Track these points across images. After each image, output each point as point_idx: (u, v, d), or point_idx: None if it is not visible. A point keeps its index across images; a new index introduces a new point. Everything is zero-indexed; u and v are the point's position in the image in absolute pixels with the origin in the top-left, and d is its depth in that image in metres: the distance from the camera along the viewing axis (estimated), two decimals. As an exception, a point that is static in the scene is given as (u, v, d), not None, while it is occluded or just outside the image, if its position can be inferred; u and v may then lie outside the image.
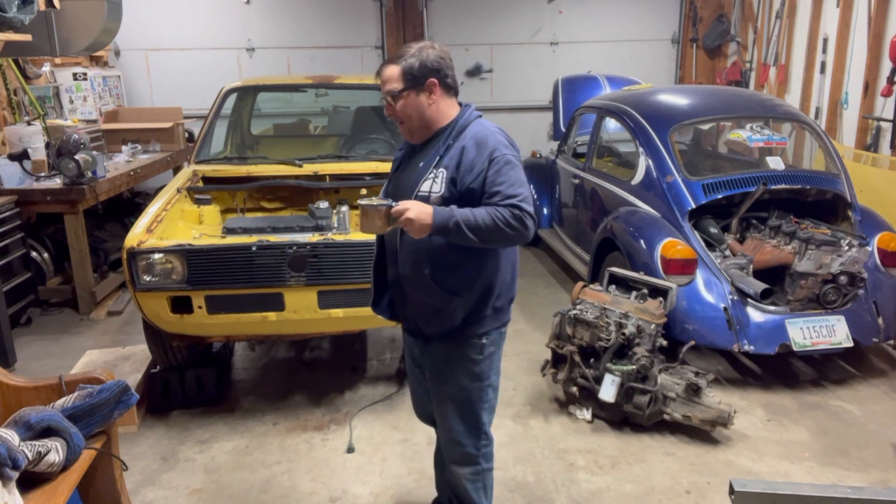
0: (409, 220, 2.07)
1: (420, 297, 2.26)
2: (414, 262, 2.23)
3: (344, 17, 8.48)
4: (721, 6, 8.68)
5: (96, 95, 7.16)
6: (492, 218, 2.08)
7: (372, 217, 2.10)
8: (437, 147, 2.22)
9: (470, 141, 2.17)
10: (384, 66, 2.20)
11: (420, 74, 2.16)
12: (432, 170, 2.17)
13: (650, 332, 3.52)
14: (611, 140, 5.45)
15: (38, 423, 2.22)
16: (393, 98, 2.18)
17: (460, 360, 2.30)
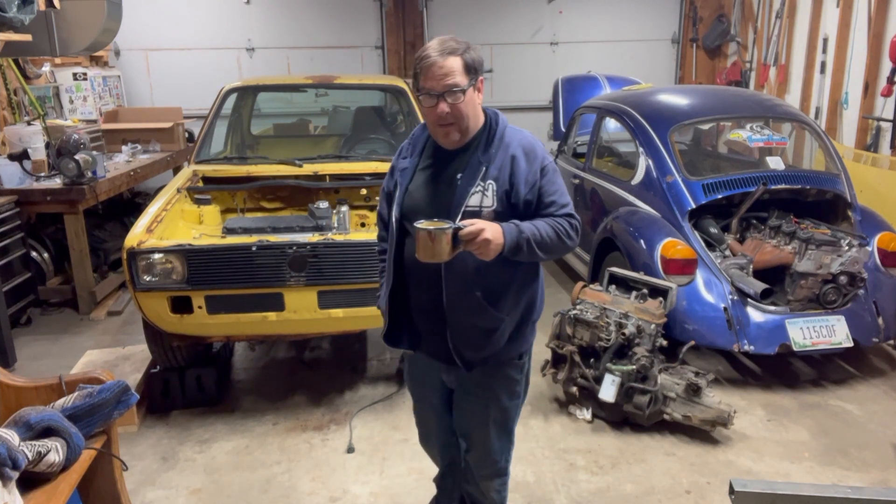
0: (487, 242, 1.88)
1: (468, 321, 2.08)
2: (463, 285, 2.04)
3: (344, 17, 8.48)
4: (721, 6, 8.68)
5: (96, 95, 7.16)
6: (555, 231, 2.00)
7: (438, 242, 1.84)
8: (474, 155, 2.03)
9: (518, 149, 2.03)
10: (443, 56, 1.93)
11: (477, 70, 2.00)
12: (479, 182, 1.98)
13: (650, 332, 3.52)
14: (611, 140, 5.44)
15: (38, 423, 2.22)
16: (457, 94, 1.94)
17: (503, 381, 2.20)
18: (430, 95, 1.95)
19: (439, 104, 1.94)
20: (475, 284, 2.03)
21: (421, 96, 1.98)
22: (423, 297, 2.12)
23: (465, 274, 2.02)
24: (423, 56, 1.95)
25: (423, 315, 2.16)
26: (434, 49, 1.93)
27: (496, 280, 2.05)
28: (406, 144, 2.20)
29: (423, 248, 1.86)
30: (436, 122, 1.98)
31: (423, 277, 2.08)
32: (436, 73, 1.92)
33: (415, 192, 2.09)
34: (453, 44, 1.95)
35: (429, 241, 1.84)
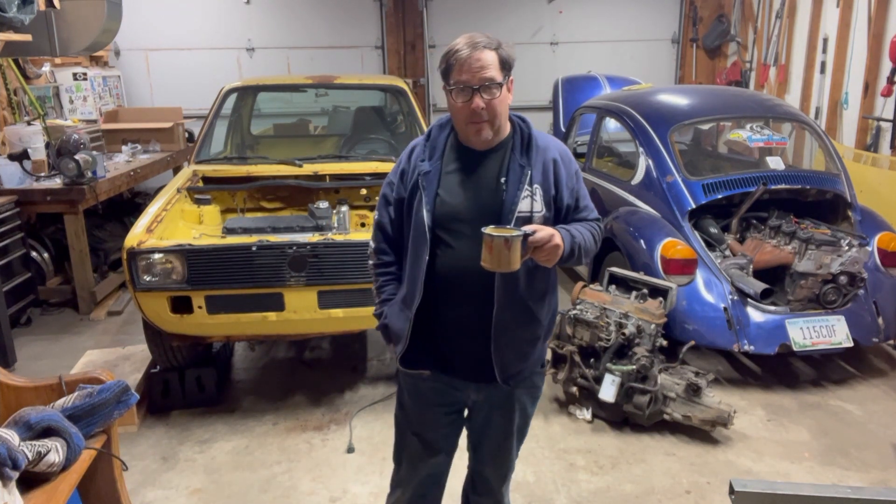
0: (556, 248, 1.82)
1: (516, 333, 1.98)
2: (514, 295, 1.93)
3: (344, 17, 8.48)
4: (721, 6, 8.68)
5: (96, 95, 7.16)
6: (592, 235, 1.99)
7: (513, 250, 1.71)
8: (511, 158, 1.93)
9: (556, 153, 1.97)
10: (479, 49, 1.83)
11: (511, 66, 1.90)
12: (526, 186, 1.89)
13: (650, 332, 3.52)
14: (611, 140, 5.45)
15: (38, 423, 2.22)
16: (493, 88, 1.85)
17: (529, 390, 2.12)
18: (464, 90, 1.84)
19: (474, 99, 1.84)
20: (525, 293, 1.96)
21: (452, 90, 1.87)
22: (464, 311, 1.97)
23: (517, 283, 1.92)
24: (455, 49, 1.85)
25: (459, 331, 2.00)
26: (467, 43, 1.84)
27: (539, 287, 2.00)
28: (420, 146, 2.03)
29: (496, 256, 1.72)
30: (468, 118, 1.87)
31: (469, 290, 1.94)
32: (472, 65, 1.83)
33: (449, 198, 1.93)
34: (486, 39, 1.86)
35: (504, 249, 1.71)
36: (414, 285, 1.96)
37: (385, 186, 2.10)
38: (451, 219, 1.93)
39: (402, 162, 2.05)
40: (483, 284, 1.90)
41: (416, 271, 1.96)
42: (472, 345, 1.98)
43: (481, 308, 1.93)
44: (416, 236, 1.96)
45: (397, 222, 2.05)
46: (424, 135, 2.05)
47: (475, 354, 1.99)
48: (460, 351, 2.02)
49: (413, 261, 1.98)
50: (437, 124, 2.05)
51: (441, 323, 2.00)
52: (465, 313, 1.97)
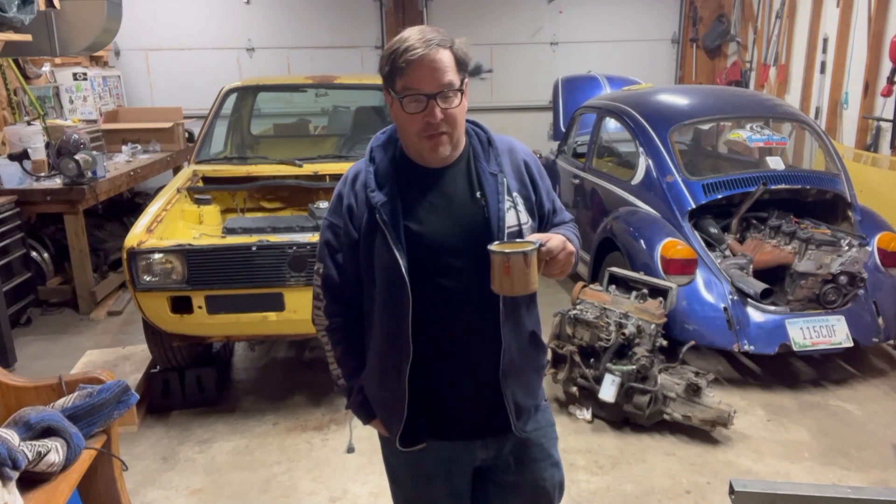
0: (571, 255, 1.59)
1: (525, 365, 1.71)
2: (517, 323, 1.67)
3: (344, 17, 8.48)
4: (721, 6, 8.68)
5: (96, 95, 7.16)
6: (577, 239, 1.75)
7: (531, 266, 1.47)
8: (476, 167, 1.65)
9: (522, 153, 1.73)
10: (433, 48, 1.51)
11: (467, 66, 1.60)
12: (506, 197, 1.62)
13: (650, 332, 3.52)
14: (611, 140, 5.44)
15: (38, 423, 2.22)
16: (453, 96, 1.55)
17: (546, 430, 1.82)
18: (417, 98, 1.53)
19: (431, 108, 1.53)
20: (526, 318, 1.70)
21: (402, 99, 1.54)
22: (465, 357, 1.66)
23: (518, 307, 1.66)
24: (405, 48, 1.51)
25: (460, 382, 1.68)
26: (419, 39, 1.52)
27: (534, 307, 1.75)
28: (364, 173, 1.64)
29: (514, 278, 1.47)
30: (422, 131, 1.55)
31: (470, 332, 1.65)
32: (426, 68, 1.51)
33: (421, 228, 1.60)
34: (439, 34, 1.55)
35: (523, 267, 1.46)
36: (398, 344, 1.61)
37: (325, 232, 1.71)
38: (431, 253, 1.59)
39: (344, 197, 1.67)
40: (485, 320, 1.62)
41: (396, 328, 1.60)
42: (477, 393, 1.69)
43: (485, 347, 1.64)
44: (389, 284, 1.59)
45: (352, 273, 1.68)
46: (366, 158, 1.67)
47: (481, 404, 1.69)
48: (462, 405, 1.70)
49: (389, 316, 1.62)
50: (377, 144, 1.69)
51: (435, 377, 1.67)
52: (467, 359, 1.67)
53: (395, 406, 1.66)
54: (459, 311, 1.63)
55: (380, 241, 1.59)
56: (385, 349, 1.65)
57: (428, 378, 1.66)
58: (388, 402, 1.68)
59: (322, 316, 1.74)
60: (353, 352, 1.75)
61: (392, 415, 1.68)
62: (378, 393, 1.71)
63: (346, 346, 1.75)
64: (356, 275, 1.68)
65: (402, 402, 1.64)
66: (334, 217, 1.69)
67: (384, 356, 1.66)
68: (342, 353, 1.75)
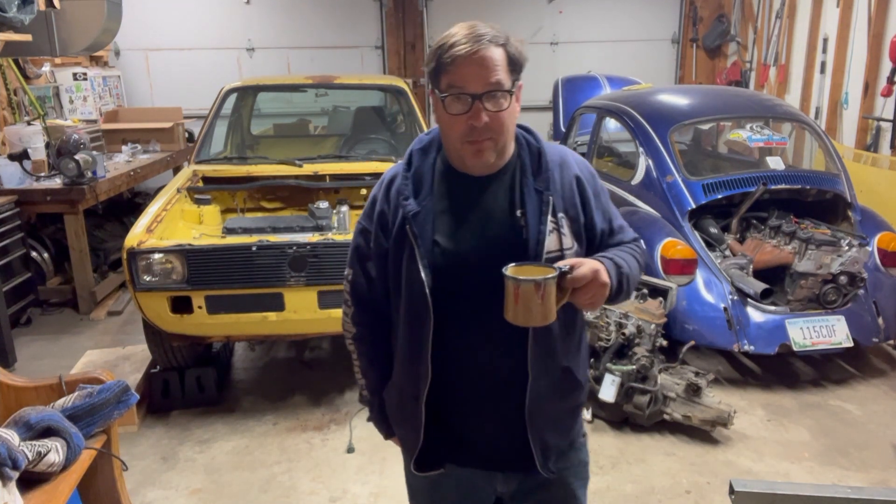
0: (604, 287, 1.38)
1: (556, 404, 1.56)
2: (549, 358, 1.51)
3: (344, 17, 8.48)
4: (721, 6, 8.68)
5: (96, 95, 7.16)
6: (636, 260, 1.55)
7: (548, 295, 1.32)
8: (522, 181, 1.49)
9: (576, 168, 1.54)
10: (483, 45, 1.40)
11: (521, 68, 1.49)
12: (550, 218, 1.45)
13: (650, 332, 3.52)
14: (611, 140, 5.45)
15: (38, 423, 2.22)
16: (501, 97, 1.40)
17: (577, 469, 1.67)
18: (462, 98, 1.39)
19: (477, 110, 1.38)
20: (562, 351, 1.53)
21: (445, 99, 1.40)
22: (486, 387, 1.53)
23: (552, 339, 1.49)
24: (452, 43, 1.40)
25: (482, 412, 1.55)
26: (469, 36, 1.41)
27: (574, 340, 1.57)
28: (400, 178, 1.52)
29: (525, 307, 1.32)
30: (465, 135, 1.41)
31: (492, 360, 1.51)
32: (473, 66, 1.39)
33: (451, 244, 1.47)
34: (492, 31, 1.44)
35: (535, 296, 1.31)
36: (417, 365, 1.51)
37: (357, 236, 1.60)
38: (457, 273, 1.46)
39: (377, 201, 1.56)
40: (512, 351, 1.48)
41: (417, 348, 1.50)
42: (500, 427, 1.55)
43: (509, 380, 1.51)
44: (411, 301, 1.48)
45: (380, 281, 1.57)
46: (403, 161, 1.56)
47: (504, 438, 1.56)
48: (485, 435, 1.58)
49: (411, 334, 1.52)
50: (418, 147, 1.56)
51: (456, 403, 1.56)
52: (491, 391, 1.53)
53: (412, 428, 1.57)
54: (485, 338, 1.49)
55: (407, 254, 1.47)
56: (405, 368, 1.56)
57: (448, 404, 1.55)
58: (406, 422, 1.60)
59: (349, 323, 1.66)
60: (377, 364, 1.66)
61: (408, 437, 1.60)
62: (397, 412, 1.63)
63: (371, 357, 1.67)
64: (385, 284, 1.56)
65: (419, 426, 1.54)
66: (366, 221, 1.58)
67: (404, 375, 1.57)
68: (366, 364, 1.68)
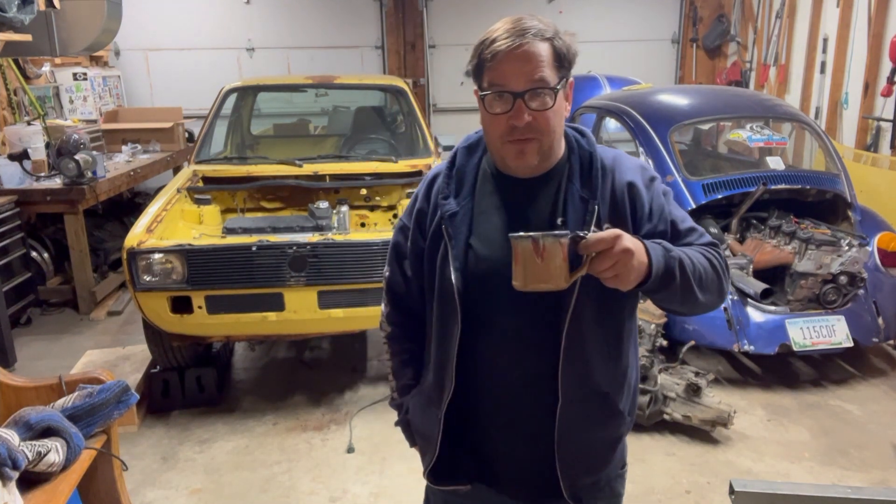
0: (628, 254, 1.20)
1: (591, 435, 1.44)
2: (583, 378, 1.39)
3: (344, 17, 8.48)
4: (721, 6, 8.68)
5: (96, 95, 7.16)
6: (707, 260, 1.36)
7: (550, 257, 1.21)
8: (568, 187, 1.38)
9: (629, 174, 1.40)
10: (526, 39, 1.30)
11: (571, 65, 1.39)
12: (593, 228, 1.33)
13: (650, 332, 3.52)
14: (611, 140, 5.44)
15: (38, 423, 2.22)
16: (545, 95, 1.31)
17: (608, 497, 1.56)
18: (503, 96, 1.30)
19: (519, 109, 1.29)
20: (600, 375, 1.41)
21: (486, 97, 1.32)
22: (513, 406, 1.44)
23: (587, 360, 1.38)
24: (493, 38, 1.33)
25: (507, 432, 1.46)
26: (511, 30, 1.32)
27: (618, 364, 1.44)
28: (442, 177, 1.46)
29: (524, 267, 1.23)
30: (506, 135, 1.32)
31: (520, 377, 1.41)
32: (515, 62, 1.29)
33: (485, 249, 1.38)
34: (539, 24, 1.32)
35: (533, 255, 1.21)
36: (442, 372, 1.44)
37: (396, 233, 1.56)
38: (488, 279, 1.37)
39: (418, 198, 1.50)
40: (541, 369, 1.38)
41: (443, 352, 1.43)
42: (526, 451, 1.46)
43: (538, 400, 1.40)
44: (442, 304, 1.42)
45: (416, 281, 1.51)
46: (447, 160, 1.49)
47: (531, 463, 1.46)
48: (509, 458, 1.48)
49: (439, 337, 1.45)
50: (464, 145, 1.49)
51: (481, 419, 1.48)
52: (515, 409, 1.44)
53: (430, 439, 1.50)
54: (514, 352, 1.40)
55: (441, 255, 1.40)
56: (431, 375, 1.50)
57: (469, 420, 1.48)
58: (426, 431, 1.53)
59: (385, 322, 1.62)
60: (408, 367, 1.60)
61: (426, 447, 1.53)
62: (419, 418, 1.57)
63: (404, 358, 1.61)
64: (421, 285, 1.50)
65: (436, 438, 1.47)
66: (406, 219, 1.53)
67: (430, 383, 1.51)
68: (398, 365, 1.62)
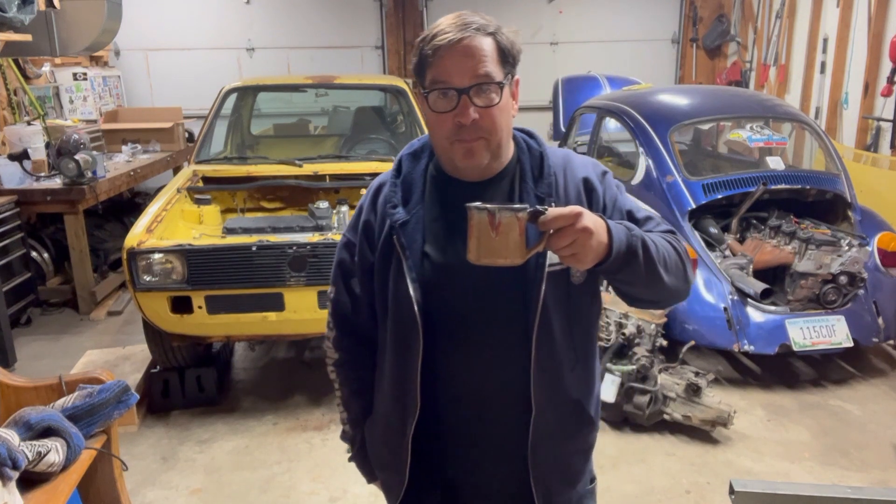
0: (587, 233, 1.13)
1: (564, 446, 1.40)
2: (558, 390, 1.36)
3: (344, 17, 8.49)
4: (721, 6, 8.68)
5: (96, 95, 7.17)
6: (669, 243, 1.31)
7: (506, 230, 1.15)
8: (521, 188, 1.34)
9: (583, 170, 1.37)
10: (469, 33, 1.22)
11: (515, 60, 1.29)
12: (552, 204, 1.31)
13: (650, 332, 3.52)
14: (611, 140, 5.45)
15: (38, 423, 2.22)
16: (491, 91, 1.24)
17: None
18: (447, 93, 1.24)
19: (464, 106, 1.23)
20: (571, 381, 1.37)
21: (429, 94, 1.26)
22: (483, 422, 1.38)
23: (559, 367, 1.34)
24: (436, 34, 1.24)
25: (476, 451, 1.40)
26: (454, 25, 1.24)
27: (587, 368, 1.41)
28: (388, 186, 1.38)
29: (478, 239, 1.16)
30: (453, 134, 1.26)
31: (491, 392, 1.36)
32: (458, 57, 1.22)
33: (442, 257, 1.32)
34: (480, 20, 1.25)
35: (489, 228, 1.14)
36: (403, 394, 1.36)
37: (340, 250, 1.46)
38: (449, 288, 1.32)
39: (363, 210, 1.41)
40: (514, 379, 1.33)
41: (404, 373, 1.35)
42: (498, 469, 1.41)
43: (510, 413, 1.36)
44: (399, 320, 1.34)
45: (366, 299, 1.42)
46: (392, 168, 1.41)
47: (503, 481, 1.42)
48: (479, 477, 1.42)
49: (398, 357, 1.37)
50: (409, 152, 1.42)
51: (448, 440, 1.41)
52: (485, 423, 1.38)
53: (395, 470, 1.41)
54: (481, 363, 1.34)
55: (394, 268, 1.33)
56: (390, 400, 1.41)
57: (438, 442, 1.40)
58: (389, 461, 1.44)
59: (331, 348, 1.51)
60: (362, 395, 1.50)
61: (391, 479, 1.45)
62: (380, 448, 1.48)
63: (355, 387, 1.51)
64: (371, 304, 1.41)
65: (403, 467, 1.39)
66: (351, 233, 1.44)
67: (389, 408, 1.42)
68: (349, 394, 1.52)
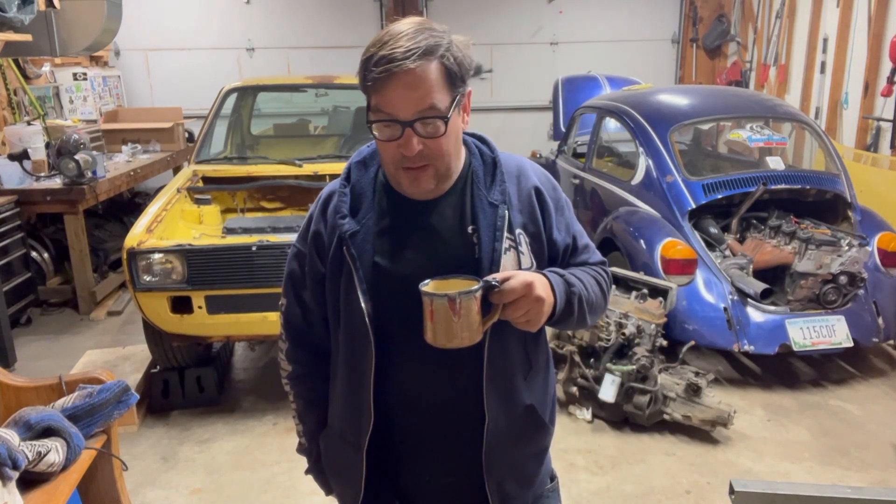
0: (539, 302, 1.19)
1: (519, 451, 1.40)
2: (507, 393, 1.35)
3: (344, 17, 8.48)
4: (721, 6, 8.68)
5: (96, 95, 7.16)
6: (598, 284, 1.39)
7: (466, 312, 1.15)
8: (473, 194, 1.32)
9: (535, 179, 1.37)
10: (413, 60, 1.16)
11: (464, 77, 1.24)
12: (506, 234, 1.29)
13: (650, 332, 3.52)
14: (611, 140, 5.45)
15: (38, 423, 2.22)
16: (436, 123, 1.20)
17: None
18: (392, 124, 1.21)
19: (408, 138, 1.20)
20: (523, 387, 1.37)
21: (373, 124, 1.24)
22: (436, 432, 1.38)
23: (512, 375, 1.35)
24: (379, 56, 1.18)
25: (431, 460, 1.40)
26: (397, 48, 1.16)
27: (538, 374, 1.42)
28: (336, 197, 1.37)
29: (440, 325, 1.16)
30: (398, 161, 1.24)
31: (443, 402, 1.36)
32: (401, 89, 1.18)
33: (393, 267, 1.30)
34: (427, 37, 1.18)
35: (449, 314, 1.15)
36: (357, 406, 1.35)
37: (291, 261, 1.45)
38: (402, 299, 1.26)
39: (313, 220, 1.41)
40: (467, 387, 1.33)
41: (357, 385, 1.34)
42: (454, 477, 1.40)
43: (464, 421, 1.36)
44: (351, 332, 1.33)
45: (318, 311, 1.42)
46: (341, 177, 1.40)
47: (459, 489, 1.41)
48: (435, 486, 1.42)
49: (351, 369, 1.36)
50: (358, 160, 1.43)
51: (403, 451, 1.41)
52: (441, 433, 1.38)
53: (350, 483, 1.39)
54: (435, 373, 1.33)
55: (345, 280, 1.31)
56: (344, 412, 1.39)
57: (393, 452, 1.40)
58: (343, 476, 1.42)
59: (284, 360, 1.51)
60: (316, 407, 1.48)
61: (346, 493, 1.42)
62: (334, 461, 1.45)
63: (309, 399, 1.50)
64: (324, 316, 1.40)
65: (359, 480, 1.37)
66: (301, 244, 1.42)
67: (343, 420, 1.40)
68: (303, 407, 1.51)
